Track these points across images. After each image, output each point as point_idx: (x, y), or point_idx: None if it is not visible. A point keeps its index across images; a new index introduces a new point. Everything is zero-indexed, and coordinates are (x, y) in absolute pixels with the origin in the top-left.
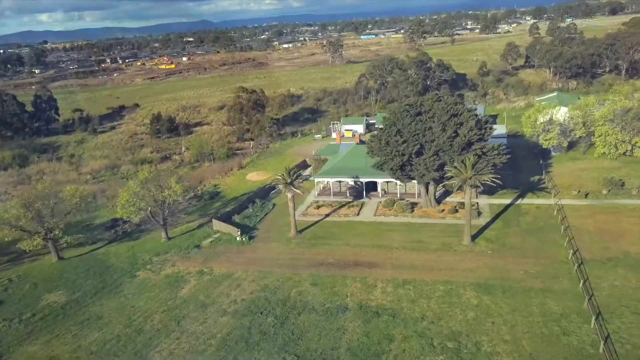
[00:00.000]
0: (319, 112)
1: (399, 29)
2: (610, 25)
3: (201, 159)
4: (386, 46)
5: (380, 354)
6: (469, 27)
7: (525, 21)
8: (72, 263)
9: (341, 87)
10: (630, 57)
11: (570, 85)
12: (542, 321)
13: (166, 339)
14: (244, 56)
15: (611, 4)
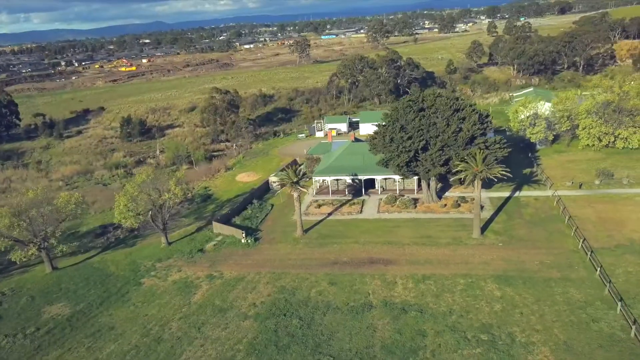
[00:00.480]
0: (292, 112)
1: (358, 29)
2: (562, 24)
3: (178, 162)
4: (349, 46)
5: (416, 350)
6: (427, 26)
7: (480, 20)
8: (69, 273)
9: (312, 86)
10: (587, 54)
11: (533, 82)
12: (568, 309)
13: (190, 347)
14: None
15: (560, 3)
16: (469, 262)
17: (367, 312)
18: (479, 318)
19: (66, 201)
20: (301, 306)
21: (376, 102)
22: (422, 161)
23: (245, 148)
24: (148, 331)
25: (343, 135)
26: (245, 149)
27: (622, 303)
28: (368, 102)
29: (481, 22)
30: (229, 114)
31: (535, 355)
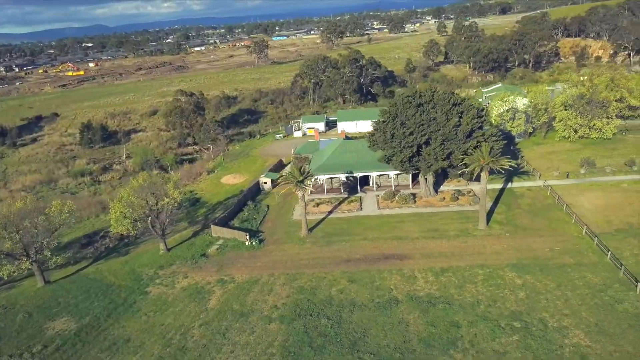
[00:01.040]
0: (258, 113)
1: (308, 30)
2: (505, 24)
3: (147, 167)
4: (303, 47)
5: (454, 341)
6: (376, 27)
7: (427, 21)
8: (64, 286)
9: (275, 87)
10: (535, 51)
11: (488, 78)
12: (590, 293)
13: (219, 354)
14: (157, 60)
15: (501, 4)
16: (481, 252)
17: (395, 307)
18: (506, 306)
19: (59, 210)
20: (325, 305)
21: (340, 102)
22: (425, 155)
23: (221, 150)
24: (169, 341)
25: (321, 134)
26: (221, 151)
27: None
28: (332, 102)
29: (428, 23)
30: (196, 116)
31: (571, 339)
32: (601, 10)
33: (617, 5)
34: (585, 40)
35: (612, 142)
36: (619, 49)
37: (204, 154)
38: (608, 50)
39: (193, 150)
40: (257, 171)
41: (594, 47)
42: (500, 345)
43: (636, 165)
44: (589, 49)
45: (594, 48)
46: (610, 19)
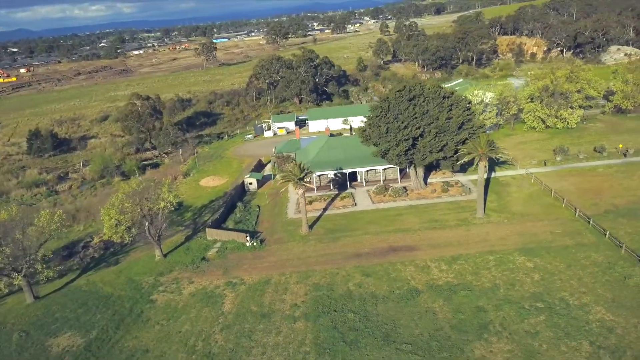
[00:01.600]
0: (214, 115)
1: (249, 31)
2: (442, 23)
3: (108, 175)
4: (248, 48)
5: (485, 324)
6: (316, 28)
7: (366, 21)
8: (57, 300)
9: (229, 88)
10: (478, 49)
11: (436, 76)
12: (599, 270)
13: (249, 357)
14: (96, 65)
15: (435, 4)
16: (486, 239)
17: (417, 297)
18: (525, 289)
19: (49, 219)
20: (346, 300)
21: (296, 102)
22: (421, 148)
23: (190, 153)
24: (192, 348)
25: (292, 133)
26: (191, 154)
27: None
28: (288, 102)
29: (367, 23)
30: (153, 120)
31: (595, 315)
32: (529, 10)
33: (543, 5)
34: (520, 37)
35: (576, 131)
36: (553, 46)
37: (165, 159)
38: (542, 47)
39: (152, 156)
40: (236, 172)
41: (528, 44)
42: (530, 325)
43: (606, 151)
44: (524, 46)
45: (529, 45)
46: (540, 17)
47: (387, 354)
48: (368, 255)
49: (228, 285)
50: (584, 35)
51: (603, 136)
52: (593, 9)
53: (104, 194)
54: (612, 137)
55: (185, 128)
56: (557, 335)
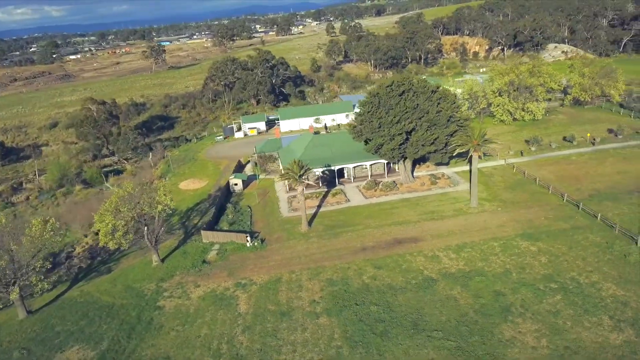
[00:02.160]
0: (170, 119)
1: (190, 34)
2: (385, 24)
3: (68, 183)
4: (193, 51)
5: (507, 307)
6: (260, 30)
7: (309, 23)
8: (53, 313)
9: (183, 91)
10: (426, 48)
11: (388, 75)
12: (599, 250)
13: (280, 355)
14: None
15: (375, 6)
16: (486, 227)
17: (434, 285)
18: (535, 271)
19: (41, 228)
20: (365, 293)
21: (254, 104)
22: (414, 142)
23: (160, 157)
24: (217, 351)
25: (263, 134)
26: (159, 158)
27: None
28: (246, 103)
29: (310, 25)
30: (110, 125)
31: (607, 291)
32: (466, 11)
33: (478, 7)
34: (463, 37)
35: (542, 123)
36: (494, 45)
37: (127, 165)
38: (484, 46)
39: (112, 162)
40: (214, 174)
41: (470, 43)
42: (550, 305)
43: (575, 140)
44: (467, 45)
45: (471, 44)
46: (478, 17)
47: (420, 342)
48: (374, 248)
49: (238, 287)
50: (523, 34)
51: (567, 127)
52: (526, 10)
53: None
54: (574, 127)
55: (146, 132)
56: (577, 313)
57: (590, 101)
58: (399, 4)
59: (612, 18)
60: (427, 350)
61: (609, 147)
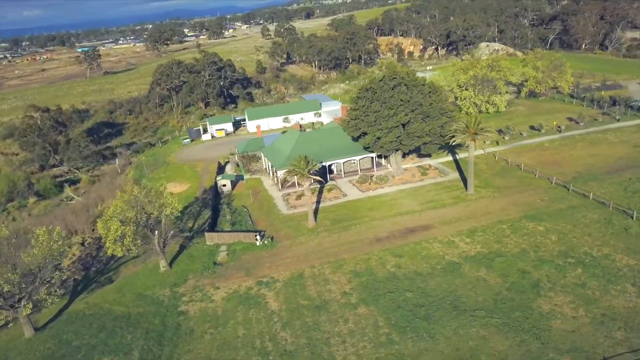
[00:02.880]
0: (118, 125)
1: (115, 39)
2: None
3: (19, 196)
4: (124, 56)
5: (535, 283)
6: (189, 34)
7: (238, 27)
8: (63, 329)
9: (126, 96)
10: (366, 49)
11: (332, 76)
12: (601, 226)
13: (332, 347)
14: None
15: (305, 9)
16: (489, 212)
17: (459, 269)
18: (550, 249)
19: (48, 238)
20: (394, 281)
21: (202, 107)
22: (410, 134)
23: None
24: (263, 350)
25: (231, 135)
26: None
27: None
28: (194, 107)
29: (240, 28)
30: (56, 133)
31: (620, 262)
32: (394, 13)
33: (405, 9)
34: (397, 38)
35: (505, 114)
36: (428, 44)
37: (80, 174)
38: (418, 46)
39: (63, 172)
40: (195, 177)
41: (405, 43)
42: (574, 278)
43: (543, 129)
44: (402, 46)
45: (406, 44)
46: (409, 19)
47: (465, 321)
48: (388, 238)
49: (261, 285)
50: (456, 34)
51: (529, 117)
52: (450, 12)
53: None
54: (536, 117)
55: (97, 140)
56: (601, 283)
57: (544, 93)
58: (326, 7)
59: (533, 18)
60: (476, 329)
61: (575, 133)
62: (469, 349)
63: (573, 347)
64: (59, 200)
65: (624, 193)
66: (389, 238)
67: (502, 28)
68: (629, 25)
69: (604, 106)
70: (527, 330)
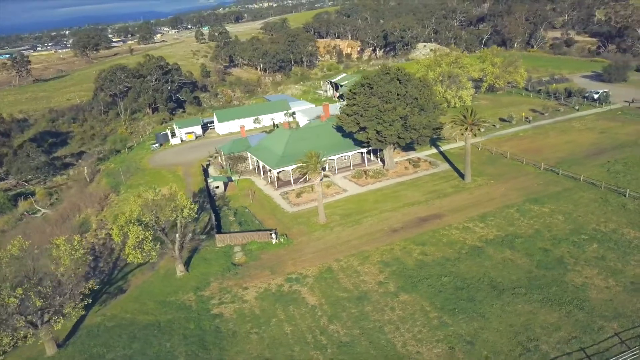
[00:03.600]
0: (62, 134)
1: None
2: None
3: None
4: (49, 63)
5: (560, 260)
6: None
7: (166, 32)
8: (88, 343)
9: (67, 104)
10: (307, 51)
11: (277, 79)
12: (599, 205)
13: (386, 335)
14: None
15: (234, 13)
16: (492, 198)
17: (484, 252)
18: (561, 228)
19: (70, 249)
20: (426, 268)
21: (149, 113)
22: (409, 127)
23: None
24: (318, 343)
25: (201, 137)
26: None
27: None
28: (141, 112)
29: (168, 33)
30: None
31: (629, 235)
32: (325, 16)
33: (335, 12)
34: (335, 40)
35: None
36: (366, 46)
37: (30, 186)
38: (356, 48)
39: (10, 185)
40: (178, 181)
41: (342, 45)
42: (593, 252)
43: (514, 119)
44: (339, 48)
45: (343, 46)
46: (336, 21)
47: (509, 299)
48: (404, 228)
49: (291, 282)
50: (394, 35)
51: (494, 110)
52: (381, 14)
53: None
54: (499, 110)
55: (49, 149)
56: (619, 255)
57: (502, 87)
58: (253, 11)
59: (461, 20)
60: (521, 305)
61: (543, 123)
62: (521, 324)
63: (616, 314)
64: (20, 215)
65: (607, 174)
66: (405, 228)
67: (437, 29)
68: (549, 25)
69: (561, 98)
70: (569, 303)
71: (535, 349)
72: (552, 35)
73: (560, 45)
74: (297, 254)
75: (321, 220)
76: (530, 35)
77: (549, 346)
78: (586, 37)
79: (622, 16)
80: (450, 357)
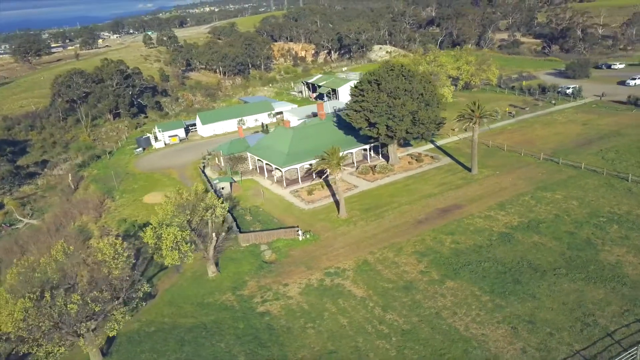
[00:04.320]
0: (19, 143)
1: None
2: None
3: None
4: None
5: (588, 241)
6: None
7: (107, 36)
8: (134, 350)
9: (20, 112)
10: (264, 54)
11: (237, 82)
12: (606, 190)
13: (448, 320)
14: None
15: (178, 17)
16: (504, 187)
17: (514, 238)
18: (578, 212)
19: (113, 251)
20: (462, 255)
21: (110, 119)
22: (417, 122)
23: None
24: (381, 333)
25: (185, 140)
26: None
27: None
28: (101, 119)
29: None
30: None
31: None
32: (272, 20)
33: (283, 16)
34: (288, 43)
35: (453, 105)
36: (320, 49)
37: (2, 198)
38: (310, 51)
39: None
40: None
41: (296, 48)
42: (616, 232)
43: (499, 114)
44: (293, 51)
45: (297, 49)
46: (284, 25)
47: (553, 279)
48: (428, 219)
49: (330, 276)
50: (349, 38)
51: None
52: (329, 18)
53: None
54: None
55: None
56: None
57: (477, 85)
58: (196, 15)
59: (411, 23)
60: (567, 284)
61: (526, 117)
62: (573, 301)
63: None
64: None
65: (603, 161)
66: (429, 219)
67: (392, 31)
68: (496, 27)
69: (535, 93)
70: (611, 279)
71: (594, 324)
72: (499, 37)
73: (509, 46)
74: (328, 249)
75: (342, 215)
76: (480, 36)
77: (606, 320)
78: (531, 38)
79: (562, 19)
80: (515, 336)
